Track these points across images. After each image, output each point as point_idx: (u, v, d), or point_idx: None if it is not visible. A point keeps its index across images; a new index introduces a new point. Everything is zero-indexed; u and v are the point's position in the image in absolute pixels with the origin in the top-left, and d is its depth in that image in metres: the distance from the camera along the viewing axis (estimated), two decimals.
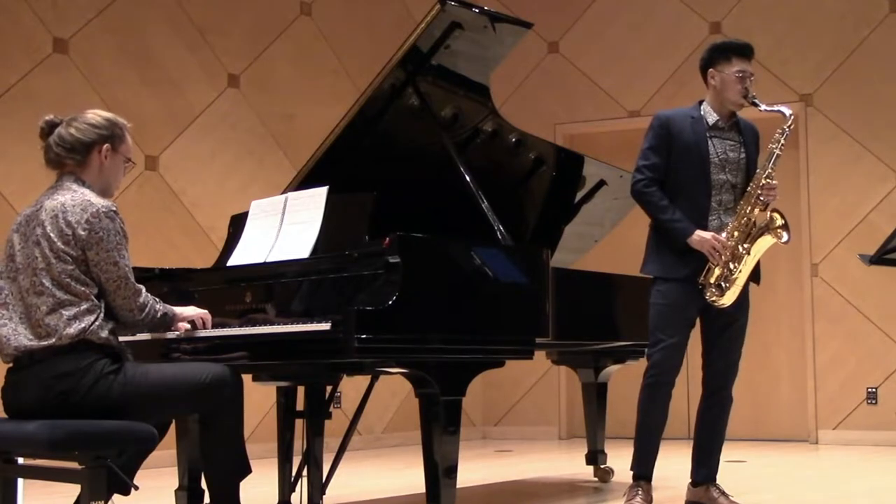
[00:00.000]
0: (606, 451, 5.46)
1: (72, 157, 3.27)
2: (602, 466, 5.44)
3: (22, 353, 3.13)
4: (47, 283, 3.12)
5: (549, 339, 3.94)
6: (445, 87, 4.42)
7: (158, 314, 3.33)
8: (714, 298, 4.18)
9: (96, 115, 3.33)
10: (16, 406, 3.19)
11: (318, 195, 3.83)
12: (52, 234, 3.13)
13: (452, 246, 3.57)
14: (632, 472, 4.30)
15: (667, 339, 4.19)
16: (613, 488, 5.29)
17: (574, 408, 8.04)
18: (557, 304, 4.03)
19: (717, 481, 4.38)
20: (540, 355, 5.15)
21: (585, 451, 5.47)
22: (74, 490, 3.05)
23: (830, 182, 7.61)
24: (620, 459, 5.52)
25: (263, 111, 7.28)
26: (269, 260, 3.84)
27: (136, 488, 3.17)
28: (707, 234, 4.16)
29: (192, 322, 3.54)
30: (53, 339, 3.09)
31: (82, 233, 3.12)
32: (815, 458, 6.82)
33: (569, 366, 5.61)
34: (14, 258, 3.22)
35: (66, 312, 3.10)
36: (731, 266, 4.17)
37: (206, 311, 3.58)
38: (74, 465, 3.02)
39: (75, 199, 3.18)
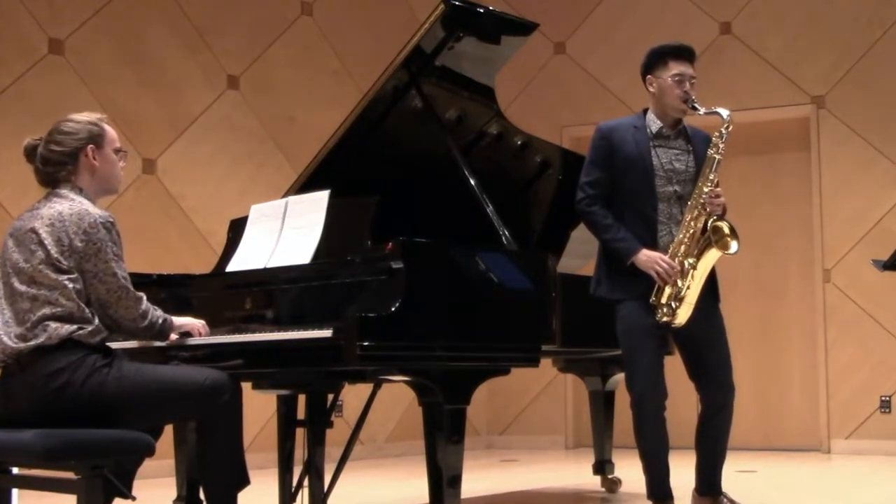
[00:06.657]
0: (614, 460, 5.38)
1: (63, 169, 3.32)
2: (609, 476, 5.37)
3: (8, 355, 3.13)
4: (39, 290, 3.14)
5: (555, 346, 3.90)
6: (449, 89, 4.38)
7: (159, 322, 3.37)
8: (666, 319, 4.02)
9: (68, 122, 3.35)
10: (10, 414, 3.16)
11: (320, 199, 3.80)
12: (47, 243, 3.16)
13: (456, 251, 3.52)
14: (650, 501, 4.13)
15: (642, 365, 4.04)
16: (621, 499, 5.25)
17: (581, 416, 7.95)
18: (564, 310, 4.00)
19: (725, 490, 4.25)
20: (546, 363, 5.10)
21: (593, 460, 5.40)
22: (70, 500, 3.03)
23: (843, 186, 7.51)
24: (628, 469, 5.44)
25: (263, 113, 7.22)
26: (269, 265, 3.81)
27: (134, 499, 3.16)
28: (654, 255, 4.00)
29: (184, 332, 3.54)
30: (42, 339, 3.09)
31: (79, 244, 3.16)
32: (828, 468, 6.75)
33: (575, 373, 5.55)
34: (7, 262, 3.24)
35: (56, 319, 3.11)
36: (679, 283, 4.00)
37: (202, 322, 3.58)
38: (70, 474, 3.01)
39: (73, 208, 3.21)
